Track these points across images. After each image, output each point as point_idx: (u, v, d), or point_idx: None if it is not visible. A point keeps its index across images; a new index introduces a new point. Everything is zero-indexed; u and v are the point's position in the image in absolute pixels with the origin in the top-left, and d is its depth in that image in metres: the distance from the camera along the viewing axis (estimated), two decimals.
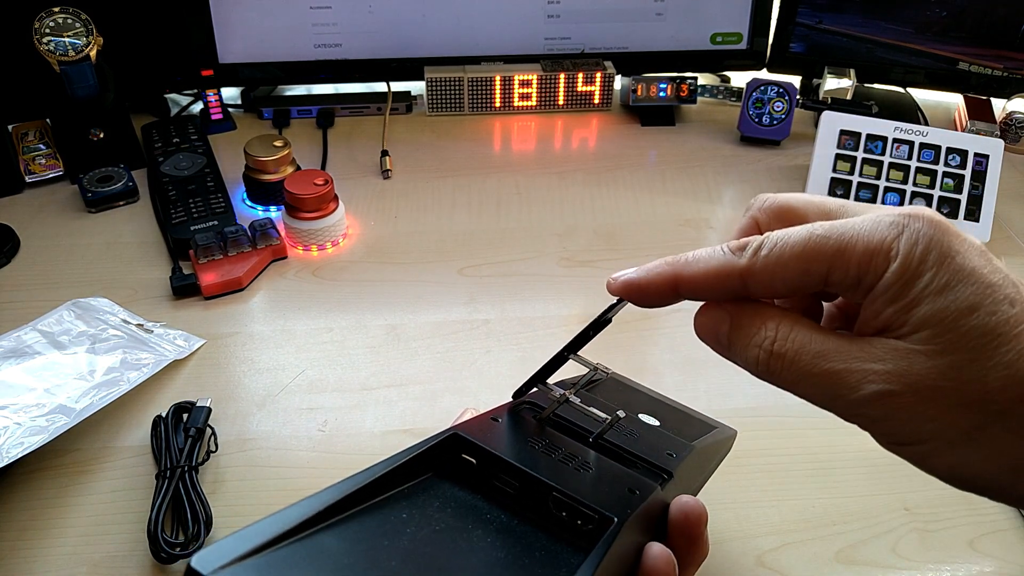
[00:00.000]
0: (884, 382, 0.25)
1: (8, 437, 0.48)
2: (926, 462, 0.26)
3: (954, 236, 0.25)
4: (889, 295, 0.25)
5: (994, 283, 0.25)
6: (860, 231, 0.26)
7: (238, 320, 0.65)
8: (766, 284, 0.27)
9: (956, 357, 0.25)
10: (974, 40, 0.89)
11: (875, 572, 0.47)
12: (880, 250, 0.25)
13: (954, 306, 0.25)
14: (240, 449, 0.54)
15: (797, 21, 0.93)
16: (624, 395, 0.46)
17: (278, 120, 0.92)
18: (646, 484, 0.32)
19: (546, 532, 0.30)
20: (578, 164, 0.86)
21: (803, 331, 0.27)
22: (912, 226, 0.25)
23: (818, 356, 0.27)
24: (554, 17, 0.93)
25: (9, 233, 0.72)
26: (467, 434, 0.32)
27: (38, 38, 0.77)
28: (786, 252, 0.27)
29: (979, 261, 0.25)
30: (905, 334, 0.25)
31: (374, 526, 0.27)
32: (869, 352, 0.26)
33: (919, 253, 0.25)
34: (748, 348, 0.28)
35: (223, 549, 0.23)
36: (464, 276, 0.70)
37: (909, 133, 0.78)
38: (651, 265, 0.30)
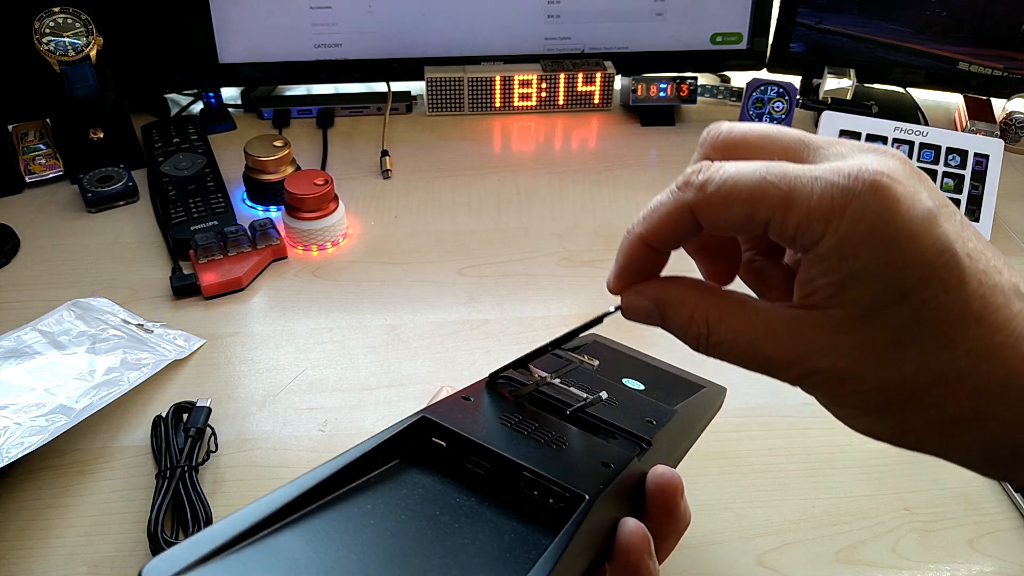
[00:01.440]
0: (809, 363, 0.26)
1: (8, 437, 0.48)
2: (846, 422, 0.28)
3: (904, 210, 0.24)
4: (824, 266, 0.25)
5: (935, 268, 0.24)
6: (809, 188, 0.25)
7: (238, 320, 0.65)
8: (712, 219, 0.27)
9: (876, 340, 0.25)
10: (974, 40, 0.89)
11: (875, 572, 0.47)
12: (822, 216, 0.25)
13: (885, 292, 0.25)
14: (240, 449, 0.54)
15: (797, 21, 0.93)
16: (608, 359, 0.45)
17: (278, 120, 0.92)
18: (620, 456, 0.32)
19: (517, 513, 0.29)
20: (578, 164, 0.86)
21: (732, 314, 0.28)
22: (861, 197, 0.24)
23: (751, 343, 0.27)
24: (554, 17, 0.93)
25: (9, 233, 0.72)
26: (436, 416, 0.32)
27: (38, 38, 0.77)
28: (732, 193, 0.26)
29: (926, 241, 0.24)
30: (830, 307, 0.26)
31: (337, 520, 0.27)
32: (796, 333, 0.26)
33: (861, 232, 0.24)
34: (686, 338, 0.29)
35: (176, 556, 0.23)
36: (464, 276, 0.70)
37: (909, 133, 0.78)
38: (621, 245, 0.30)
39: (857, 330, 0.25)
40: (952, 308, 0.25)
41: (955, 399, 0.25)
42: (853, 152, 0.27)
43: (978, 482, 0.53)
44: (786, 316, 0.27)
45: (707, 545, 0.48)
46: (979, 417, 0.26)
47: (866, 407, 0.27)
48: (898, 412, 0.26)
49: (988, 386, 0.25)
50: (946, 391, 0.25)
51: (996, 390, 0.25)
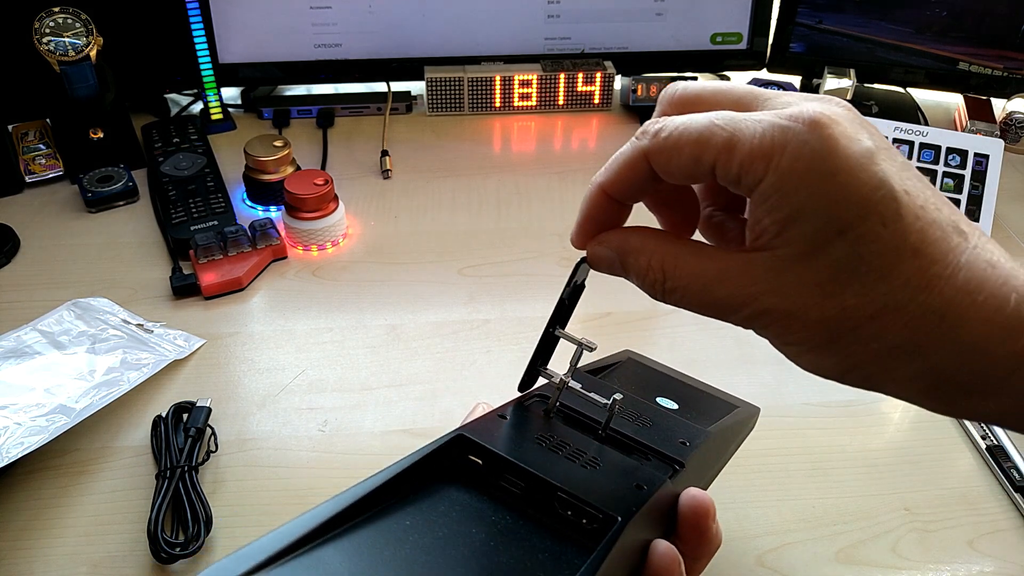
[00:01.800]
0: (759, 303, 0.27)
1: (8, 437, 0.48)
2: (795, 360, 0.29)
3: (841, 147, 0.25)
4: (767, 205, 0.26)
5: (872, 202, 0.25)
6: (752, 130, 0.26)
7: (238, 320, 0.65)
8: (665, 168, 0.28)
9: (819, 276, 0.26)
10: (974, 40, 0.89)
11: (875, 572, 0.47)
12: (761, 156, 0.26)
13: (826, 227, 0.25)
14: (240, 449, 0.54)
15: (797, 21, 0.93)
16: (642, 378, 0.45)
17: (278, 120, 0.92)
18: (654, 478, 0.32)
19: (551, 532, 0.30)
20: (578, 164, 0.86)
21: (686, 261, 0.29)
22: (800, 135, 0.25)
23: (704, 288, 0.29)
24: (554, 17, 0.93)
25: (9, 233, 0.72)
26: (472, 435, 0.32)
27: (38, 38, 0.77)
28: (683, 138, 0.27)
29: (863, 176, 0.25)
30: (776, 247, 0.27)
31: (377, 535, 0.27)
32: (747, 274, 0.27)
33: (800, 169, 0.25)
34: (643, 285, 0.30)
35: (225, 568, 0.23)
36: (464, 276, 0.70)
37: (909, 133, 0.78)
38: (584, 197, 0.32)
39: (801, 267, 0.26)
40: (889, 240, 0.25)
41: (895, 329, 0.26)
42: (799, 100, 0.27)
43: (978, 482, 0.53)
44: (737, 259, 0.28)
45: None
46: (918, 347, 0.26)
47: (812, 343, 0.28)
48: (842, 346, 0.27)
49: (926, 316, 0.26)
50: (886, 322, 0.26)
51: (934, 320, 0.26)
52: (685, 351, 0.62)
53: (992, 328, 0.26)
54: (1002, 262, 0.27)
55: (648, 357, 0.49)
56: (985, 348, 0.26)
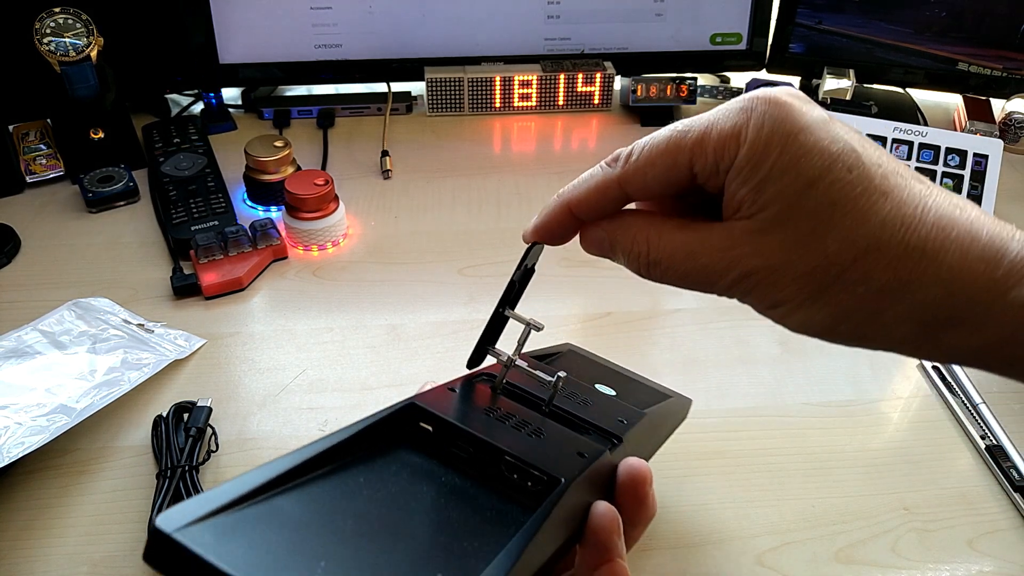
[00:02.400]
0: (742, 265, 0.29)
1: (9, 437, 0.48)
2: (784, 321, 0.30)
3: (797, 114, 0.28)
4: (742, 177, 0.28)
5: (833, 153, 0.27)
6: (715, 120, 0.29)
7: (238, 320, 0.65)
8: (641, 187, 0.30)
9: (799, 230, 0.28)
10: (973, 40, 0.89)
11: (874, 572, 0.47)
12: (731, 136, 0.28)
13: (796, 183, 0.27)
14: (241, 449, 0.54)
15: (797, 21, 0.93)
16: (582, 368, 0.47)
17: (278, 120, 0.92)
18: (594, 448, 0.34)
19: (498, 493, 0.31)
20: (578, 164, 0.86)
21: (671, 234, 0.30)
22: (758, 109, 0.28)
23: (688, 256, 0.30)
24: (554, 17, 0.94)
25: (10, 233, 0.72)
26: (424, 403, 0.33)
27: (39, 38, 0.77)
28: (652, 152, 0.30)
29: (821, 134, 0.27)
30: (756, 212, 0.28)
31: (331, 489, 0.29)
32: (728, 239, 0.29)
33: (765, 135, 0.27)
34: (629, 260, 0.32)
35: (186, 510, 0.24)
36: (464, 276, 0.70)
37: (908, 133, 0.78)
38: (547, 205, 0.33)
39: (780, 226, 0.28)
40: (858, 183, 0.27)
41: (879, 270, 0.27)
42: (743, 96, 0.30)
43: (977, 482, 0.53)
44: (719, 228, 0.29)
45: (707, 545, 0.48)
46: (904, 284, 0.27)
47: (800, 298, 0.28)
48: (831, 296, 0.28)
49: (907, 252, 0.27)
50: (869, 263, 0.27)
51: (915, 255, 0.27)
52: (685, 351, 0.62)
53: (970, 260, 0.27)
54: (967, 207, 0.29)
55: (587, 350, 0.51)
56: (967, 279, 0.27)
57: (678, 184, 0.30)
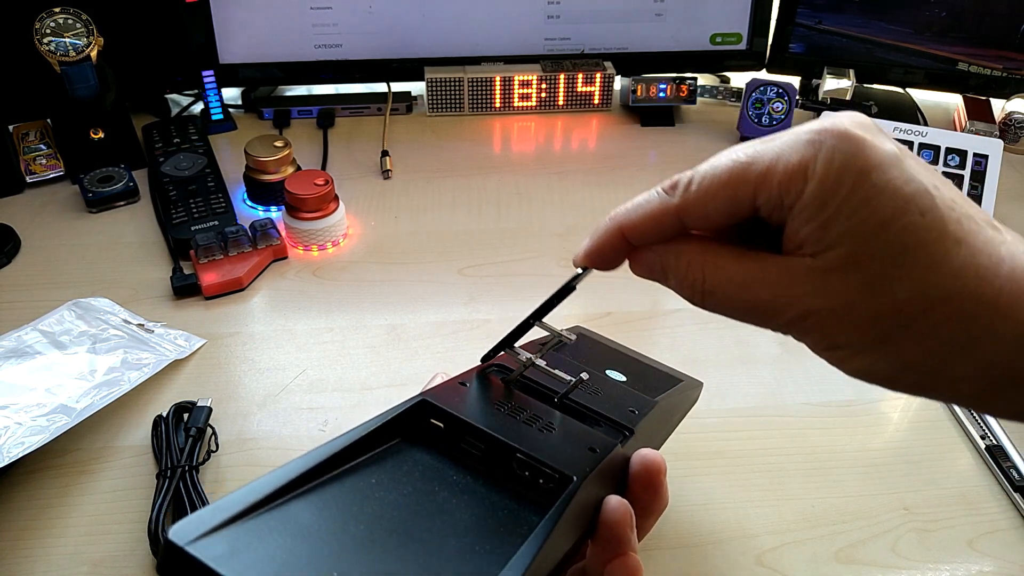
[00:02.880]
0: (803, 304, 0.27)
1: (9, 437, 0.48)
2: (842, 365, 0.28)
3: (870, 149, 0.26)
4: (807, 214, 0.26)
5: (907, 195, 0.25)
6: (780, 152, 0.27)
7: (238, 320, 0.65)
8: (700, 217, 0.29)
9: (867, 273, 0.26)
10: (973, 40, 0.89)
11: (874, 572, 0.47)
12: (798, 169, 0.26)
13: (866, 224, 0.26)
14: (241, 449, 0.54)
15: (797, 21, 0.93)
16: (592, 352, 0.47)
17: (278, 120, 0.92)
18: (606, 442, 0.34)
19: (510, 492, 0.31)
20: (578, 164, 0.86)
21: (727, 264, 0.29)
22: (828, 143, 0.26)
23: (743, 287, 0.28)
24: (554, 17, 0.94)
25: (10, 233, 0.72)
26: (435, 400, 0.33)
27: (39, 39, 0.77)
28: (714, 183, 0.28)
29: (894, 173, 0.26)
30: (821, 251, 0.26)
31: (344, 492, 0.29)
32: (789, 275, 0.27)
33: (835, 172, 0.26)
34: (682, 287, 0.30)
35: (198, 521, 0.24)
36: (464, 276, 0.70)
37: (908, 133, 0.78)
38: (598, 228, 0.31)
39: (846, 268, 0.26)
40: (932, 229, 0.25)
41: (949, 322, 0.26)
42: (812, 122, 0.28)
43: (977, 482, 0.53)
44: (779, 262, 0.28)
45: (707, 545, 0.48)
46: (975, 341, 0.26)
47: (862, 343, 0.27)
48: (895, 345, 0.27)
49: (979, 305, 0.26)
50: (939, 314, 0.26)
51: (987, 308, 0.26)
52: (685, 351, 0.62)
53: None
54: None
55: (597, 333, 0.50)
56: None
57: (738, 216, 0.28)
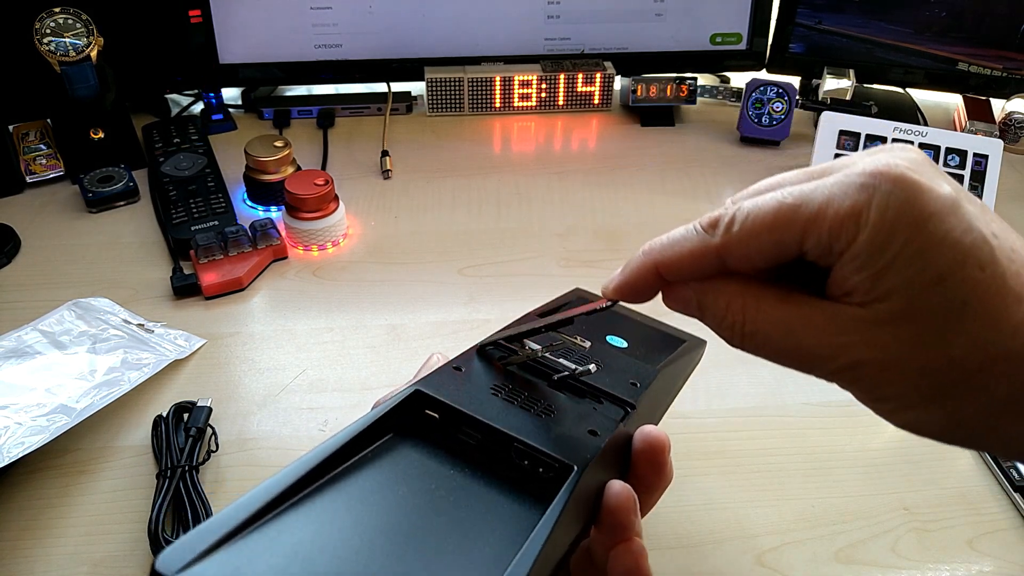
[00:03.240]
0: (851, 355, 0.26)
1: (9, 437, 0.48)
2: (890, 417, 0.27)
3: (927, 196, 0.24)
4: (858, 263, 0.25)
5: (966, 246, 0.24)
6: (831, 196, 0.25)
7: (239, 320, 0.65)
8: (742, 258, 0.27)
9: (921, 328, 0.25)
10: (973, 40, 0.89)
11: (874, 572, 0.47)
12: (851, 216, 0.25)
13: (922, 276, 0.24)
14: (241, 449, 0.54)
15: (797, 21, 0.93)
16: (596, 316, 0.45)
17: (278, 120, 0.92)
18: (607, 423, 0.33)
19: (510, 483, 0.30)
20: (578, 164, 0.86)
21: (769, 306, 0.27)
22: (883, 188, 0.24)
23: (787, 333, 0.27)
24: (554, 18, 0.94)
25: (10, 233, 0.72)
26: (429, 389, 0.32)
27: (39, 39, 0.77)
28: (757, 225, 0.26)
29: (952, 222, 0.24)
30: (872, 301, 0.25)
31: (337, 500, 0.28)
32: (836, 323, 0.26)
33: (890, 220, 0.24)
34: (720, 328, 0.29)
35: (187, 546, 0.23)
36: (464, 276, 0.70)
37: (908, 133, 0.78)
38: (632, 262, 0.30)
39: (899, 321, 0.25)
40: (991, 285, 0.24)
41: (1006, 381, 0.25)
42: (861, 157, 0.26)
43: (977, 482, 0.53)
44: (825, 307, 0.26)
45: (707, 545, 0.48)
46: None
47: (913, 398, 0.26)
48: (948, 401, 0.25)
49: None
50: (996, 373, 0.25)
51: None
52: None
53: None
54: None
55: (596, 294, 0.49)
56: None
57: (783, 259, 0.27)
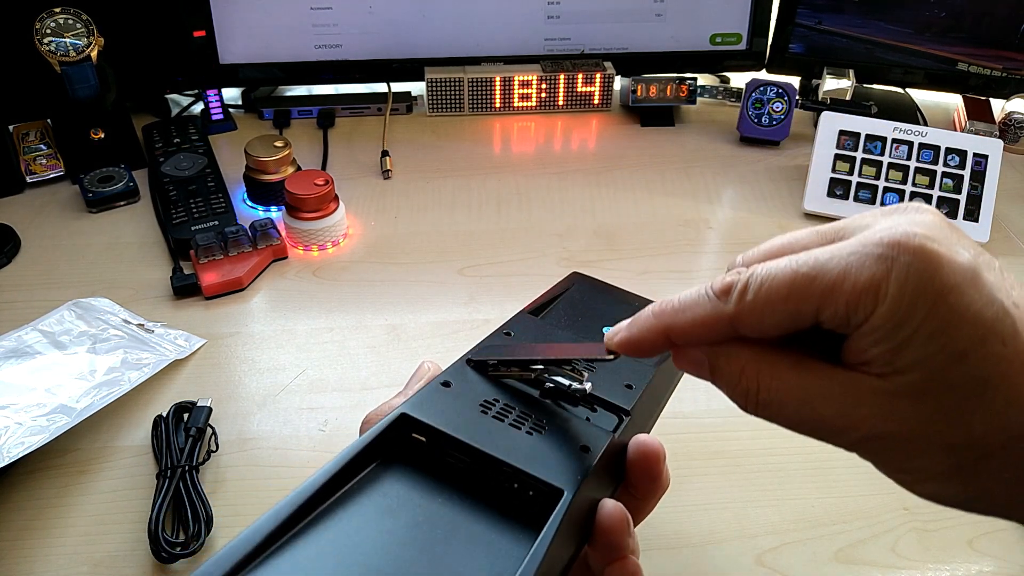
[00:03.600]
0: (869, 427, 0.25)
1: (9, 437, 0.48)
2: (911, 488, 0.27)
3: (947, 269, 0.24)
4: (877, 336, 0.24)
5: (988, 321, 0.24)
6: (848, 267, 0.24)
7: (239, 320, 0.65)
8: (756, 327, 0.26)
9: (942, 404, 0.24)
10: (973, 40, 0.89)
11: (874, 572, 0.47)
12: (869, 289, 0.24)
13: (943, 353, 0.24)
14: (241, 449, 0.54)
15: (796, 21, 0.93)
16: (589, 304, 0.45)
17: (279, 120, 0.92)
18: (599, 437, 0.32)
19: (500, 508, 0.30)
20: (578, 164, 0.86)
21: (784, 374, 0.27)
22: (901, 260, 0.24)
23: (803, 403, 0.26)
24: (554, 18, 0.94)
25: (10, 233, 0.72)
26: (415, 413, 0.32)
27: (39, 39, 0.77)
28: (772, 295, 0.25)
29: (973, 296, 0.24)
30: (891, 374, 0.25)
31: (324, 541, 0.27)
32: (854, 394, 0.25)
33: (909, 295, 0.24)
34: (734, 393, 0.28)
35: None
36: (464, 276, 0.70)
37: (908, 133, 0.78)
38: (642, 320, 0.29)
39: (920, 394, 0.24)
40: (1014, 360, 0.24)
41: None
42: (877, 218, 0.26)
43: None
44: (842, 379, 0.26)
45: (707, 545, 0.48)
46: None
47: (933, 472, 0.25)
48: (969, 475, 0.25)
49: None
50: (1019, 450, 0.24)
51: None
52: None
53: None
54: None
55: (594, 278, 0.48)
56: None
57: (797, 328, 0.26)
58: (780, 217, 0.79)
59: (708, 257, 0.74)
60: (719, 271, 0.75)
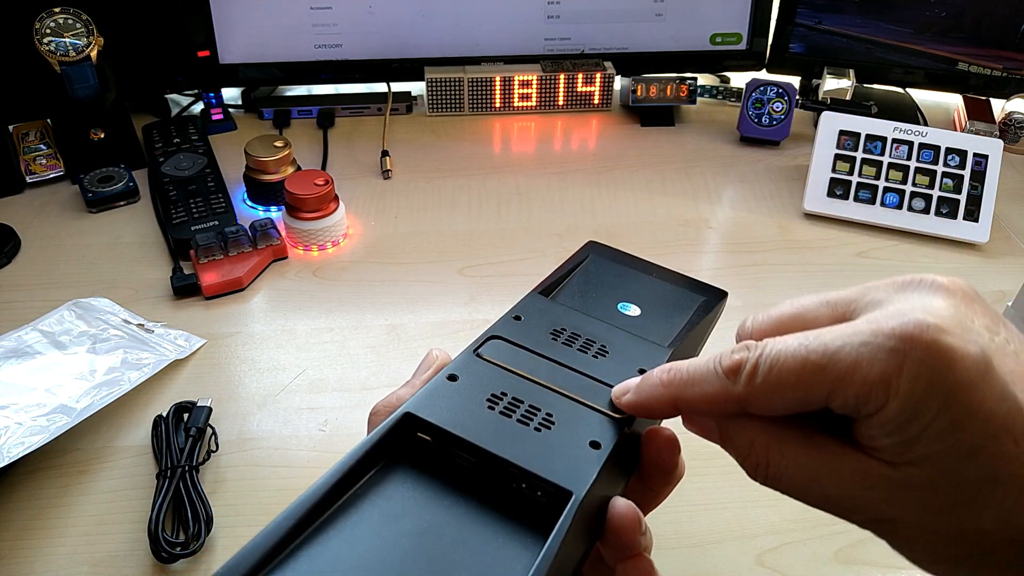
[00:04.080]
0: (877, 510, 0.26)
1: (9, 437, 0.48)
2: (920, 567, 0.27)
3: (960, 364, 0.23)
4: (887, 428, 0.24)
5: (999, 418, 0.23)
6: (859, 359, 0.24)
7: (239, 320, 0.65)
8: (764, 408, 0.27)
9: (950, 497, 0.24)
10: (973, 40, 0.89)
11: (874, 572, 0.47)
12: (880, 383, 0.24)
13: (954, 449, 0.24)
14: (241, 449, 0.54)
15: (796, 21, 0.93)
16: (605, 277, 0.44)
17: (278, 120, 0.92)
18: (610, 431, 0.31)
19: (508, 510, 0.29)
20: (578, 164, 0.86)
21: (794, 451, 0.27)
22: (914, 356, 0.23)
23: (812, 480, 0.27)
24: (554, 17, 0.94)
25: (10, 233, 0.72)
26: (420, 411, 0.31)
27: (39, 39, 0.77)
28: (782, 379, 0.26)
29: (986, 392, 0.23)
30: (901, 464, 0.25)
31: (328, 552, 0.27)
32: (863, 477, 0.25)
33: (920, 392, 0.23)
34: (744, 464, 0.28)
35: None
36: (464, 276, 0.70)
37: (908, 133, 0.78)
38: (650, 386, 0.30)
39: (930, 487, 0.24)
40: None
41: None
42: (890, 294, 0.26)
43: None
44: (851, 459, 0.26)
45: (707, 545, 0.48)
46: None
47: (941, 557, 0.26)
48: (975, 564, 0.25)
49: None
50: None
51: None
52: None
53: None
54: None
55: (611, 247, 0.47)
56: None
57: (806, 411, 0.26)
58: (780, 217, 0.79)
59: (708, 257, 0.74)
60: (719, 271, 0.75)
